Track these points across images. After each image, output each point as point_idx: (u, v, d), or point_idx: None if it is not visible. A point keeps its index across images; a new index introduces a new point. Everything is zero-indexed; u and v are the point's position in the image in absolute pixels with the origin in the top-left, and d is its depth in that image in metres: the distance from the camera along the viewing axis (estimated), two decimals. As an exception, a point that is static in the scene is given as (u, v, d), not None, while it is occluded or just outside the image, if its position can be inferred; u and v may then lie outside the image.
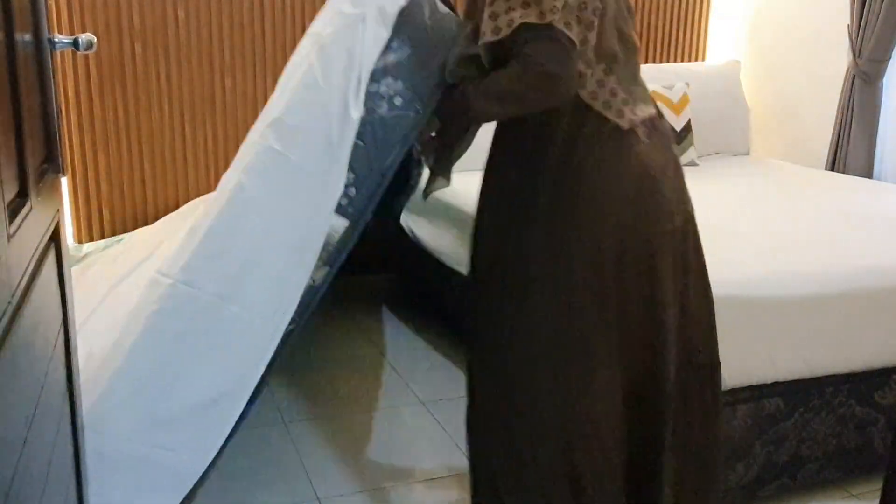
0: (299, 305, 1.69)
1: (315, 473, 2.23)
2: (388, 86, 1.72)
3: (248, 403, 1.69)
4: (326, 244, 1.69)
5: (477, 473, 1.81)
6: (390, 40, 1.72)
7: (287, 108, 1.70)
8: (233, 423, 1.68)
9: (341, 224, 1.71)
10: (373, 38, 1.70)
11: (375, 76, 1.71)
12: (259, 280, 1.64)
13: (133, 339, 1.62)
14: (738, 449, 1.97)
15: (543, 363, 1.63)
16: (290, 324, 1.69)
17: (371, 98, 1.71)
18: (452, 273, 3.13)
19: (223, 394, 1.64)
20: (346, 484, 2.18)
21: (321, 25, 1.78)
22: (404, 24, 1.73)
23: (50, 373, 1.09)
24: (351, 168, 1.69)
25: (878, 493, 1.69)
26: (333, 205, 1.68)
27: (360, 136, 1.69)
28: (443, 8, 1.81)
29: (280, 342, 1.68)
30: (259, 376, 1.67)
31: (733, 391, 1.95)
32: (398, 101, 1.72)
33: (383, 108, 1.71)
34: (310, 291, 1.70)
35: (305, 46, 1.81)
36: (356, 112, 1.67)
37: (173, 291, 1.62)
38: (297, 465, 2.26)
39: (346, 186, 1.70)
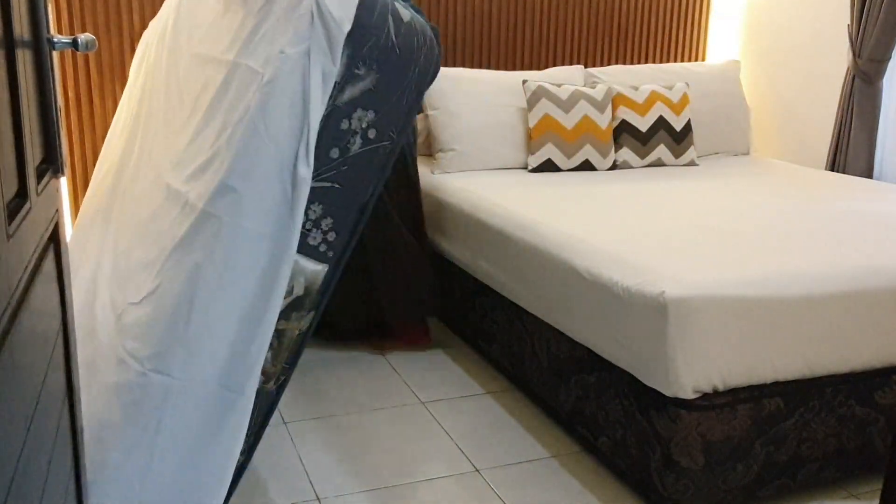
0: (291, 353, 1.67)
1: (315, 473, 2.23)
2: (359, 119, 1.64)
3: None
4: (308, 292, 1.65)
5: None
6: (355, 67, 1.62)
7: (231, 171, 1.60)
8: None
9: (321, 269, 1.66)
10: (321, 79, 1.58)
11: (344, 111, 1.61)
12: (225, 354, 1.61)
13: (113, 433, 1.59)
14: (738, 449, 1.97)
15: None
16: (282, 374, 1.67)
17: (343, 137, 1.62)
18: (454, 272, 3.14)
19: (203, 480, 1.63)
20: (346, 484, 2.18)
21: (247, 58, 1.66)
22: (368, 48, 1.63)
23: (50, 373, 1.09)
24: (328, 213, 1.63)
25: (878, 493, 1.69)
26: (290, 265, 1.61)
27: (334, 178, 1.62)
28: (406, 13, 1.71)
29: (275, 394, 1.69)
30: (239, 447, 1.65)
31: (733, 391, 1.95)
32: (372, 133, 1.64)
33: (356, 144, 1.63)
34: (299, 338, 1.69)
35: (218, 72, 1.69)
36: (307, 170, 1.58)
37: (145, 381, 1.59)
38: (297, 465, 2.26)
39: (325, 232, 1.64)
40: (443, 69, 3.57)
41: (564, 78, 3.62)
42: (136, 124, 2.32)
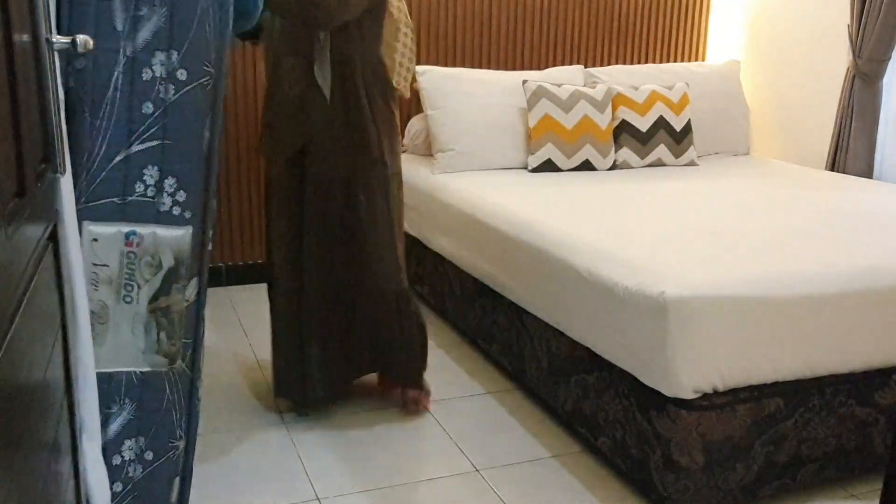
0: (188, 327, 1.59)
1: (315, 473, 2.23)
2: (161, 63, 1.48)
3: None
4: (179, 260, 1.55)
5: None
6: (136, 8, 1.45)
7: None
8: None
9: (184, 233, 1.55)
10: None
11: (142, 60, 1.44)
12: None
13: None
14: (738, 449, 1.97)
15: None
16: (186, 349, 1.59)
17: (151, 88, 1.47)
18: (454, 272, 3.13)
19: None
20: (346, 484, 2.18)
21: None
22: None
23: (49, 373, 1.09)
24: (168, 173, 1.51)
25: (878, 493, 1.69)
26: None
27: (158, 135, 1.49)
28: None
29: (190, 372, 1.61)
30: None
31: (733, 391, 1.95)
32: (182, 74, 1.49)
33: (170, 93, 1.49)
34: (191, 310, 1.60)
35: None
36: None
37: None
38: (297, 465, 2.26)
39: (172, 194, 1.53)
40: (443, 69, 3.58)
41: (564, 78, 3.62)
42: None
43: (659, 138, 3.50)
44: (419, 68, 3.53)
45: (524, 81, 3.46)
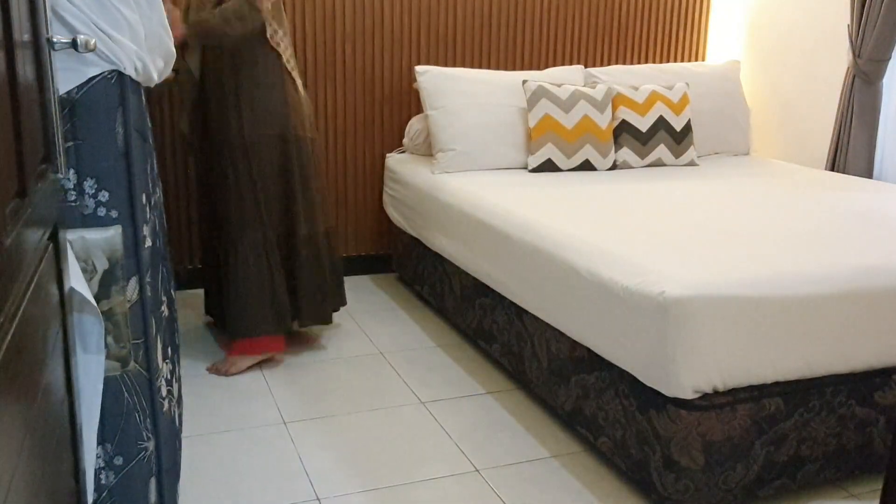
0: (135, 327, 1.55)
1: (315, 473, 2.23)
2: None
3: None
4: (114, 261, 1.51)
5: None
6: None
7: None
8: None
9: (113, 234, 1.50)
10: None
11: None
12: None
13: None
14: (738, 449, 1.97)
15: None
16: (137, 349, 1.56)
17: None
18: (454, 272, 3.14)
19: None
20: (346, 484, 2.18)
21: None
22: None
23: (49, 373, 1.09)
24: (87, 174, 1.46)
25: (878, 493, 1.69)
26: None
27: (69, 136, 1.44)
28: None
29: (146, 372, 1.58)
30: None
31: (733, 391, 1.95)
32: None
33: (73, 90, 1.44)
34: (137, 310, 1.55)
35: None
36: None
37: None
38: (297, 465, 2.26)
39: (93, 195, 1.48)
40: (443, 69, 3.57)
41: (564, 78, 3.62)
42: None
43: (659, 138, 3.51)
44: (419, 68, 3.52)
45: (524, 81, 3.46)
